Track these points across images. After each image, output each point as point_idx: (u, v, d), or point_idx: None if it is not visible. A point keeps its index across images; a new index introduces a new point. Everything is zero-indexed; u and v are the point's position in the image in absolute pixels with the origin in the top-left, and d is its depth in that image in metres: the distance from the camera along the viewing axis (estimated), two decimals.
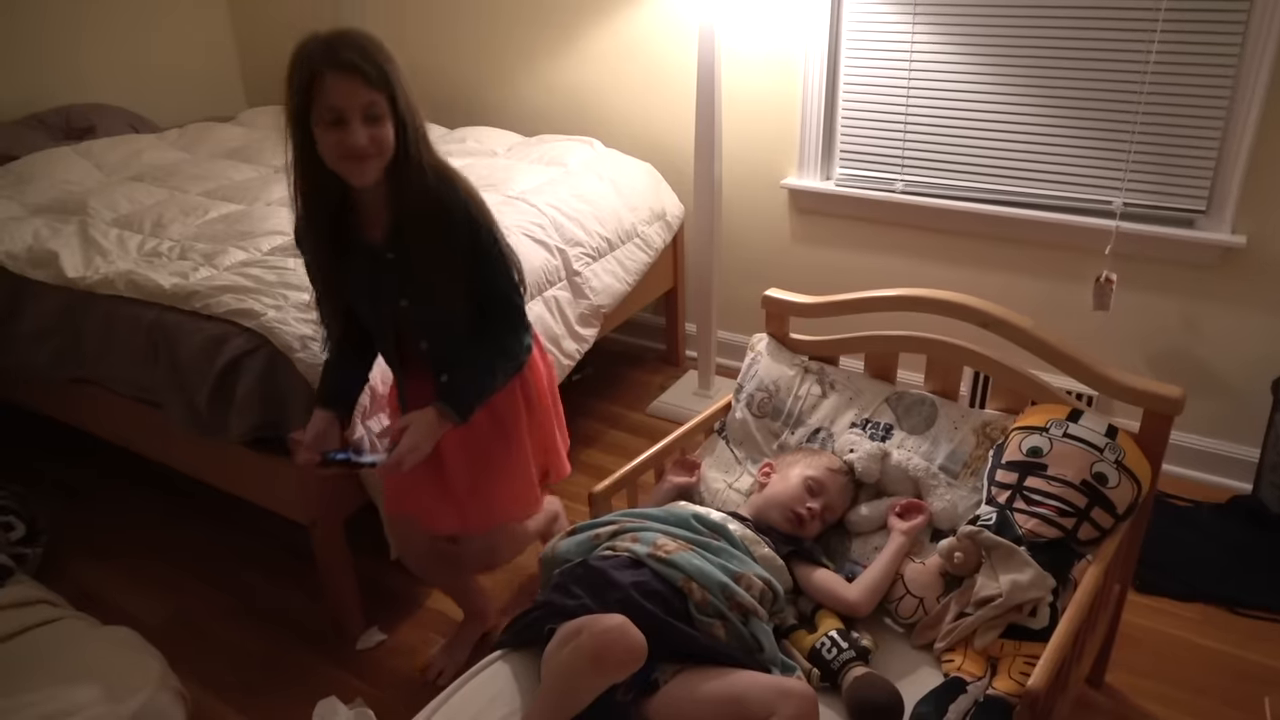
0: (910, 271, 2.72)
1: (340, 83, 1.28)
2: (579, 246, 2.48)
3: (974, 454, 1.67)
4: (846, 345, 1.88)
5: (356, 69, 1.27)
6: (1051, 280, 2.53)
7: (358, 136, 1.31)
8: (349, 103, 1.29)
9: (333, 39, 1.29)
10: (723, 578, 1.40)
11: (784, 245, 2.91)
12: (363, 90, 1.29)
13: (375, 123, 1.32)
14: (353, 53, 1.28)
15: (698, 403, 2.91)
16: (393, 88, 1.31)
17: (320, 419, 1.54)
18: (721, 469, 1.84)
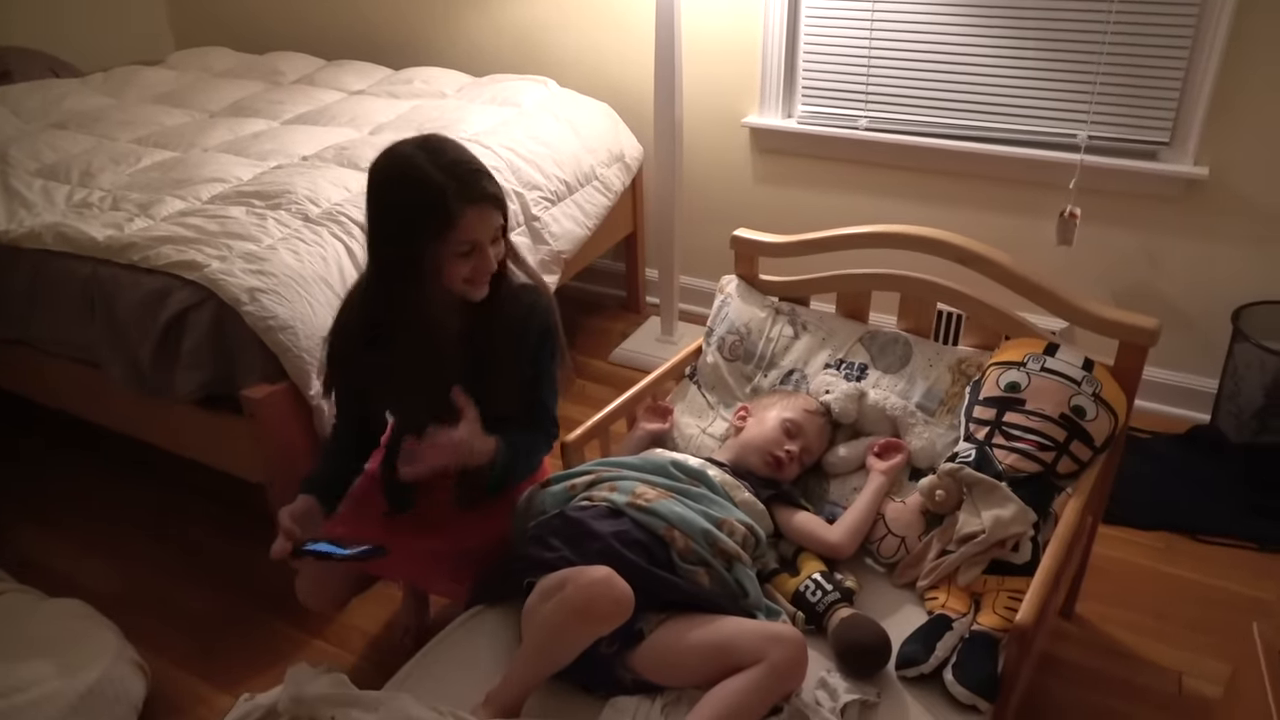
0: (875, 209, 2.68)
1: (483, 217, 1.28)
2: (537, 190, 2.41)
3: (950, 391, 1.66)
4: (817, 285, 1.86)
5: (493, 201, 1.28)
6: (1016, 215, 2.52)
7: (490, 261, 1.32)
8: (484, 233, 1.30)
9: (459, 168, 1.25)
10: (705, 524, 1.38)
11: (746, 186, 2.87)
12: (497, 217, 1.31)
13: (495, 244, 1.33)
14: (485, 182, 1.27)
15: (661, 349, 2.88)
16: (502, 211, 1.32)
17: (304, 503, 1.44)
18: (694, 414, 1.81)
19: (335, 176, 2.19)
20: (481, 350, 1.40)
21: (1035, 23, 2.32)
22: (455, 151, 1.28)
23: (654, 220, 2.87)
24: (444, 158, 1.26)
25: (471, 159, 1.29)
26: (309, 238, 1.94)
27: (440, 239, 1.27)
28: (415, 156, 1.26)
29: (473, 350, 1.41)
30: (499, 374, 1.42)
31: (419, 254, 1.27)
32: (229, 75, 3.15)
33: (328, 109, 2.72)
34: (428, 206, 1.25)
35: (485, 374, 1.41)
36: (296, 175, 2.18)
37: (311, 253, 1.90)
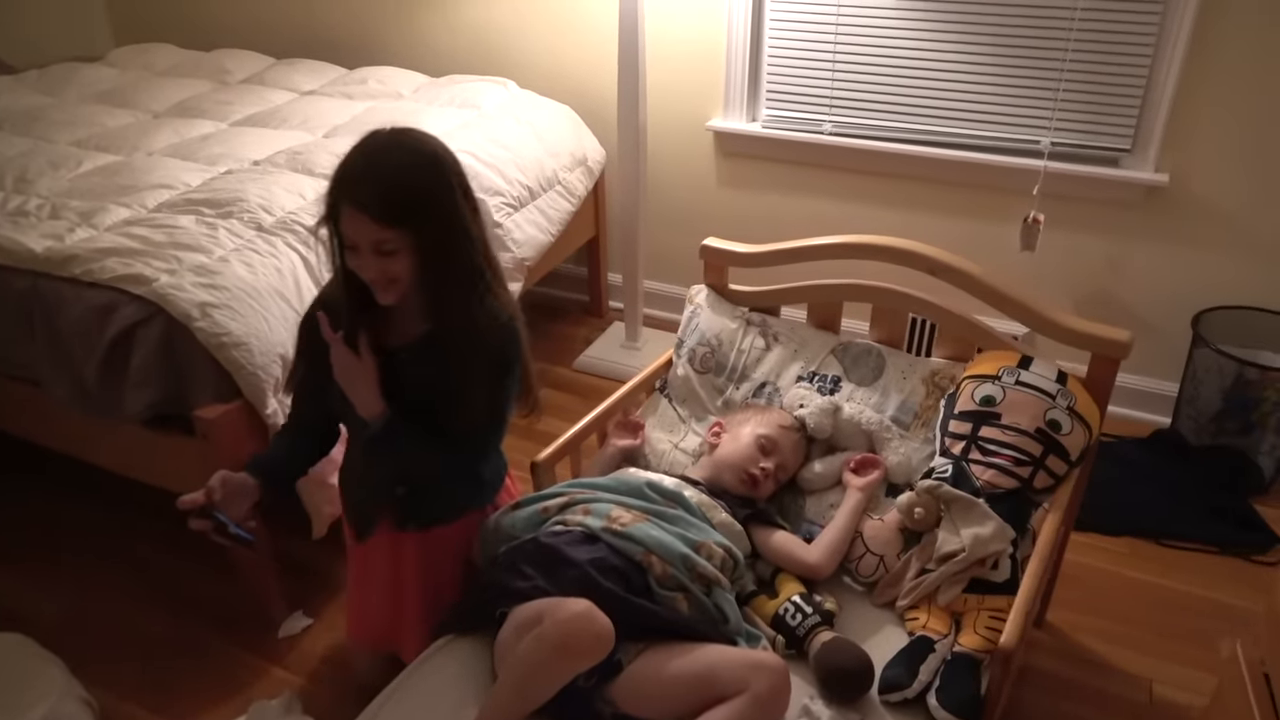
0: (839, 214, 2.68)
1: (352, 218, 1.24)
2: (499, 196, 2.37)
3: (924, 404, 1.66)
4: (789, 295, 1.84)
5: (366, 209, 1.23)
6: (980, 221, 2.53)
7: (365, 269, 1.28)
8: (359, 237, 1.26)
9: (367, 165, 1.24)
10: (683, 548, 1.35)
11: (710, 190, 2.84)
12: (371, 228, 1.24)
13: (388, 256, 1.27)
14: (372, 188, 1.23)
15: (626, 355, 2.85)
16: (418, 224, 1.25)
17: (240, 480, 1.39)
18: (666, 429, 1.79)
19: (289, 183, 2.13)
20: (430, 367, 1.37)
21: (999, 29, 2.33)
22: (380, 153, 1.25)
23: (617, 224, 2.84)
24: (368, 151, 1.25)
25: (391, 170, 1.24)
26: (263, 248, 1.87)
27: (336, 224, 1.28)
28: (365, 138, 1.27)
29: (420, 364, 1.38)
30: (446, 394, 1.36)
31: (332, 228, 1.29)
32: (173, 73, 3.04)
33: (279, 110, 2.63)
34: (332, 182, 1.26)
35: (432, 390, 1.37)
36: (248, 181, 2.11)
37: (266, 264, 1.83)
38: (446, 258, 1.30)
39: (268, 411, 1.73)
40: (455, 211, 1.28)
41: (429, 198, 1.26)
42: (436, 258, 1.29)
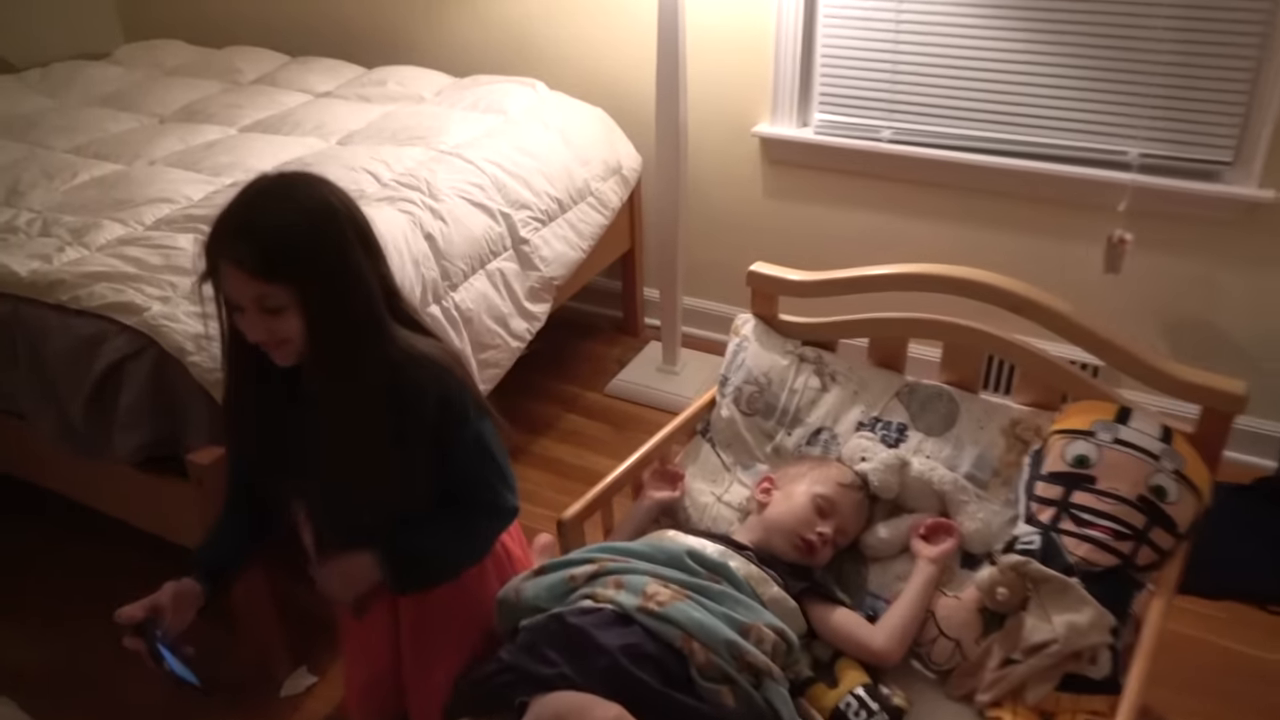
0: (899, 229, 2.57)
1: (231, 275, 1.18)
2: (526, 210, 2.29)
3: (1004, 459, 1.55)
4: (847, 328, 1.75)
5: (242, 265, 1.16)
6: (1056, 239, 2.39)
7: (251, 330, 1.22)
8: (240, 296, 1.20)
9: (245, 216, 1.18)
10: (729, 633, 1.25)
11: (755, 201, 2.75)
12: (250, 284, 1.18)
13: (274, 314, 1.20)
14: (250, 242, 1.16)
15: (663, 380, 2.77)
16: (304, 279, 1.19)
17: (185, 584, 1.32)
18: (708, 478, 1.71)
19: None
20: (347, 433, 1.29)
21: (1083, 26, 2.18)
22: (260, 201, 1.19)
23: (654, 237, 2.78)
24: (246, 200, 1.20)
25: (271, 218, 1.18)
26: None
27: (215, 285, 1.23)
28: (247, 186, 1.21)
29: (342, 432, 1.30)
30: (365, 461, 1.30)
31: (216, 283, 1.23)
32: (182, 73, 2.97)
33: (291, 114, 2.55)
34: (206, 243, 1.21)
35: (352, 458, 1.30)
36: (221, 154, 2.10)
37: None
38: (339, 313, 1.23)
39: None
40: (345, 262, 1.22)
41: (313, 248, 1.19)
42: (326, 314, 1.22)
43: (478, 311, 2.13)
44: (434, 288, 2.03)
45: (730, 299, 2.88)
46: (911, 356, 1.73)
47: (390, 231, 1.96)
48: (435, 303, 2.04)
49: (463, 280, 2.10)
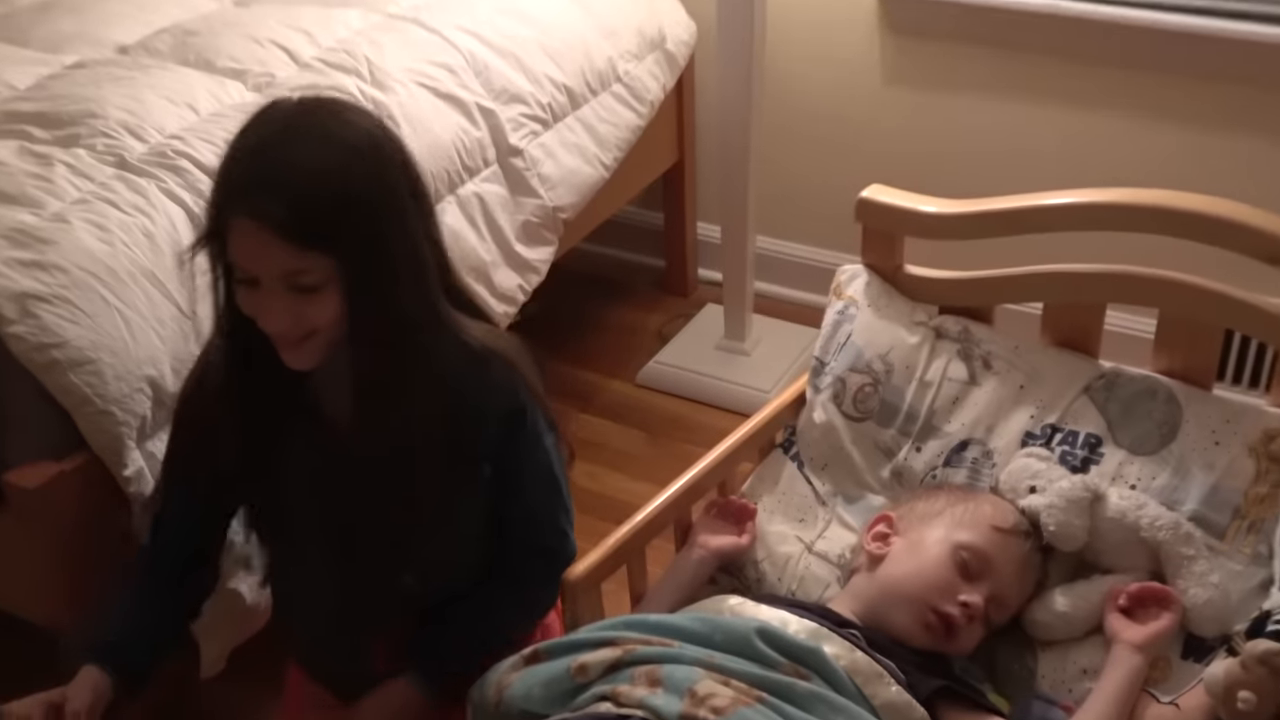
0: (1073, 129, 2.61)
1: (249, 237, 1.29)
2: (518, 104, 2.33)
3: (1253, 492, 1.55)
4: (1010, 287, 1.78)
5: (270, 222, 1.27)
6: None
7: (272, 316, 1.34)
8: (259, 266, 1.31)
9: (270, 157, 1.30)
10: None
11: (869, 92, 2.80)
12: (285, 254, 1.29)
13: (306, 294, 1.32)
14: (281, 192, 1.28)
15: (725, 364, 2.81)
16: (347, 246, 1.32)
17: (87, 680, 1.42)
18: (792, 515, 1.75)
19: (173, 85, 2.11)
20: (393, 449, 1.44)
21: None
22: (289, 139, 1.31)
23: (714, 147, 2.78)
24: (269, 136, 1.32)
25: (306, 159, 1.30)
26: (125, 199, 1.83)
27: (216, 247, 1.35)
28: (262, 116, 1.33)
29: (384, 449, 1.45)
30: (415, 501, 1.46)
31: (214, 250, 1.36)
32: None
33: None
34: (213, 188, 1.34)
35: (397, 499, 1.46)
36: (108, 84, 2.09)
37: (130, 226, 1.79)
38: (389, 294, 1.35)
39: (127, 473, 1.69)
40: (401, 226, 1.36)
41: (364, 206, 1.31)
42: (374, 296, 1.34)
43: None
44: None
45: (828, 241, 2.89)
46: (1110, 331, 1.74)
47: None
48: None
49: None
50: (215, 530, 1.61)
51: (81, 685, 1.39)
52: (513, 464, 1.49)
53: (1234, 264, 1.56)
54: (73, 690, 1.39)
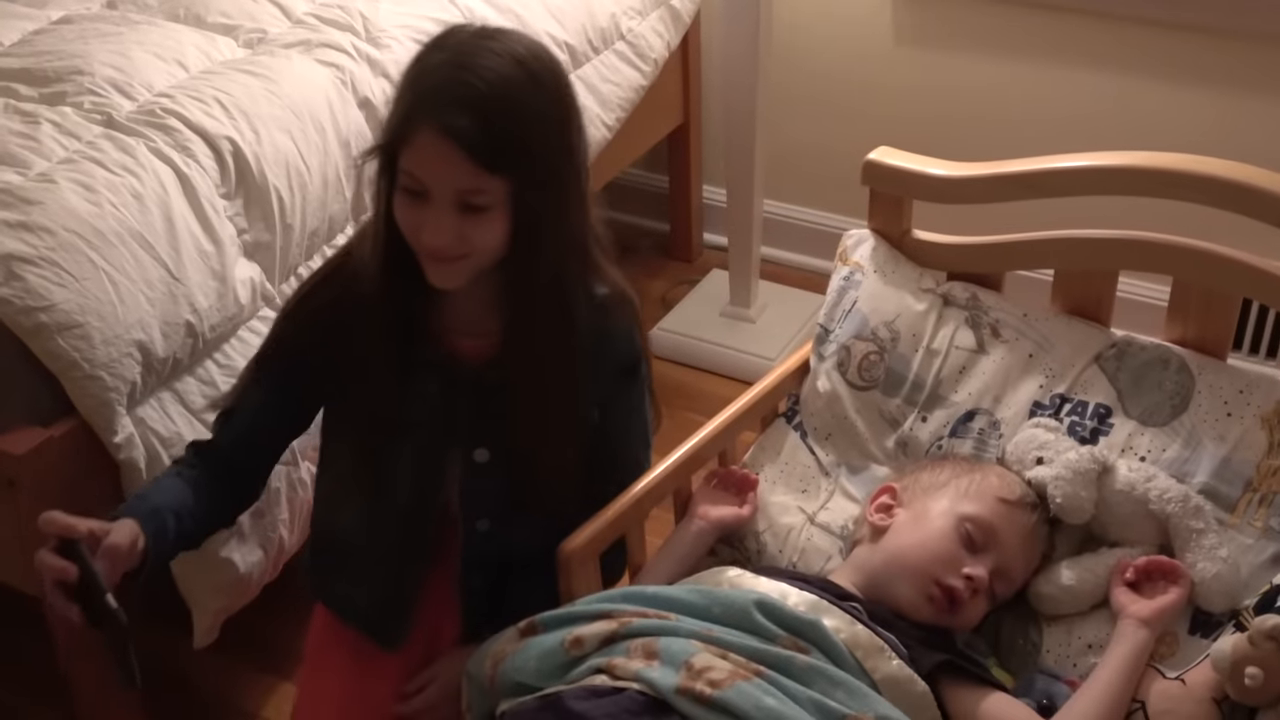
0: (1092, 90, 2.61)
1: (434, 148, 1.34)
2: None
3: (1266, 464, 1.55)
4: (1020, 253, 1.78)
5: (459, 138, 1.32)
6: None
7: (437, 231, 1.38)
8: (436, 179, 1.36)
9: (463, 73, 1.35)
10: None
11: (881, 51, 2.80)
12: (465, 171, 1.34)
13: (474, 215, 1.38)
14: (474, 110, 1.33)
15: (729, 330, 2.83)
16: (525, 171, 1.38)
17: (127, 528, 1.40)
18: (794, 486, 1.76)
19: (161, 42, 2.11)
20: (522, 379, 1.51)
21: None
22: (479, 59, 1.36)
23: (720, 107, 2.80)
24: (460, 53, 1.37)
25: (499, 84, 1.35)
26: (113, 159, 1.83)
27: (394, 148, 1.39)
28: (447, 36, 1.41)
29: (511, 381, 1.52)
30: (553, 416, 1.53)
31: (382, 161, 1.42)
32: None
33: None
34: (397, 97, 1.41)
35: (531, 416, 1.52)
36: (95, 40, 2.09)
37: (118, 187, 1.79)
38: (554, 225, 1.42)
39: (117, 439, 1.70)
40: (573, 156, 1.43)
41: (546, 132, 1.38)
42: (540, 224, 1.40)
43: None
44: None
45: (837, 205, 2.90)
46: (1122, 298, 1.74)
47: (307, 96, 1.99)
48: None
49: None
50: (282, 438, 1.63)
51: (122, 528, 1.38)
52: (622, 414, 1.59)
53: (1254, 233, 1.56)
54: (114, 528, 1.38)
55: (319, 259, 1.98)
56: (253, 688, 2.11)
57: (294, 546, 1.91)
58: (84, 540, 1.31)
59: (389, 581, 1.61)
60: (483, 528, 1.59)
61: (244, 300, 1.85)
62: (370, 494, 1.58)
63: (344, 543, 1.65)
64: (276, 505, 1.84)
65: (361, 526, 1.61)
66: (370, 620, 1.63)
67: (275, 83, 2.00)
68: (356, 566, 1.63)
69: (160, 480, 1.57)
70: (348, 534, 1.64)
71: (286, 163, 1.92)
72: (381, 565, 1.61)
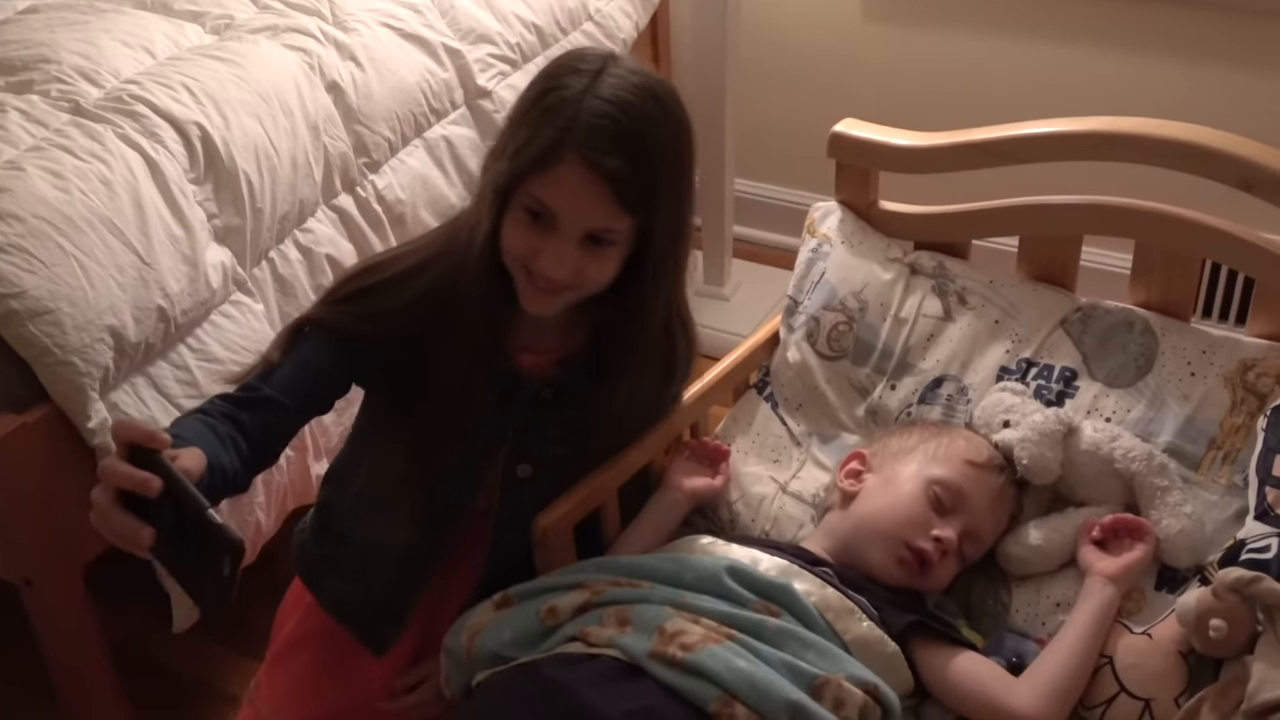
0: (1061, 63, 2.62)
1: (578, 179, 1.34)
2: (486, 44, 2.36)
3: (1227, 423, 1.57)
4: (986, 221, 1.79)
5: (611, 179, 1.33)
6: None
7: (557, 263, 1.38)
8: (573, 213, 1.36)
9: (613, 108, 1.35)
10: (790, 691, 1.28)
11: (851, 28, 2.81)
12: (607, 210, 1.36)
13: (596, 250, 1.39)
14: (624, 155, 1.34)
15: (704, 309, 2.83)
16: (657, 213, 1.40)
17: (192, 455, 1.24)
18: (766, 456, 1.77)
19: (128, 29, 2.11)
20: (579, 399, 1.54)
21: None
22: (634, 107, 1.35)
23: (690, 85, 2.77)
24: (614, 89, 1.35)
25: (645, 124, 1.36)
26: (81, 146, 1.84)
27: (525, 171, 1.36)
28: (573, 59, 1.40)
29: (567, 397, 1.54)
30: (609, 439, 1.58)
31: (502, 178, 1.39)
32: None
33: None
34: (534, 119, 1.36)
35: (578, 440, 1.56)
36: (62, 28, 2.09)
37: (86, 174, 1.80)
38: (674, 265, 1.48)
39: (90, 425, 1.71)
40: (689, 201, 1.46)
41: (676, 179, 1.41)
42: (662, 264, 1.44)
43: (412, 204, 2.16)
44: (343, 167, 2.06)
45: (809, 183, 2.91)
46: (1086, 266, 1.76)
47: (274, 81, 1.99)
48: (346, 190, 2.08)
49: (388, 155, 2.14)
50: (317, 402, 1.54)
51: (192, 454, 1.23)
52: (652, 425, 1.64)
53: (1213, 197, 1.58)
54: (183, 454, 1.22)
55: (290, 243, 2.00)
56: (232, 671, 2.11)
57: (271, 530, 1.92)
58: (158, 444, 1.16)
59: (394, 584, 1.60)
60: (511, 539, 1.58)
61: (215, 284, 1.85)
62: (421, 498, 1.56)
63: (362, 539, 1.62)
64: (253, 489, 1.82)
65: (389, 525, 1.59)
66: (361, 622, 1.61)
67: (243, 68, 2.00)
68: (366, 565, 1.61)
69: (188, 423, 1.38)
70: (371, 530, 1.62)
71: (255, 147, 1.92)
72: (394, 566, 1.59)
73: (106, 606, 1.88)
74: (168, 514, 1.12)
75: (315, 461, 1.96)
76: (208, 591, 1.15)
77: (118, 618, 1.94)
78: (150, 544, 1.12)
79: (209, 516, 1.10)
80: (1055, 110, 1.79)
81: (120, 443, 1.15)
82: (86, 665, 1.89)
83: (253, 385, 1.47)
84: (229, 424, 1.40)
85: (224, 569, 1.10)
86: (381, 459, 1.59)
